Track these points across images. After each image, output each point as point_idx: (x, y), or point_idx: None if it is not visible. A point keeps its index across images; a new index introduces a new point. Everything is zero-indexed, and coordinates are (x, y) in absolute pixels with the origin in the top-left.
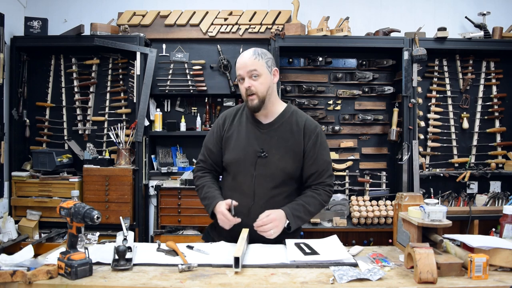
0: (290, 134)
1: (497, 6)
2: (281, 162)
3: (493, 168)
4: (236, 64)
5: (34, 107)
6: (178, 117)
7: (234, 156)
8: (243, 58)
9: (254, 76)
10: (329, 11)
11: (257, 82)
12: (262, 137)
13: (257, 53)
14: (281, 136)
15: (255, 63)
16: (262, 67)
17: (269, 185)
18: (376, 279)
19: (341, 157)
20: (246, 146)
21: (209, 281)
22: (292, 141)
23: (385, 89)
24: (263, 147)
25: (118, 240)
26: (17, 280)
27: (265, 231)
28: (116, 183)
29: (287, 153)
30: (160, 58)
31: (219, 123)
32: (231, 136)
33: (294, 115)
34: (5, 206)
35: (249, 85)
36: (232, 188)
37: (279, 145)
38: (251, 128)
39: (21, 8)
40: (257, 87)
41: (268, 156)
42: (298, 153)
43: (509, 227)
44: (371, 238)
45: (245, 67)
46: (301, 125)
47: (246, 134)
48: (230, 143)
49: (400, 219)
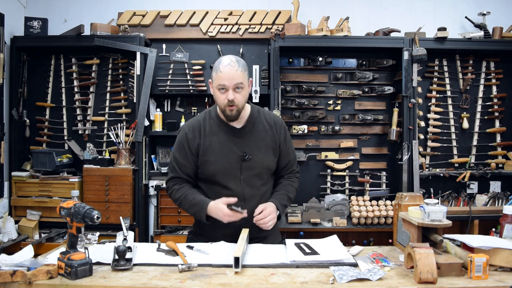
0: (265, 132)
1: (497, 6)
2: (265, 160)
3: (493, 168)
4: (219, 72)
5: (34, 107)
6: (178, 117)
7: (218, 166)
8: (230, 69)
9: (238, 89)
10: (329, 11)
11: (240, 94)
12: (240, 141)
13: (241, 64)
14: (258, 136)
15: (241, 76)
16: (245, 80)
17: (258, 184)
18: (376, 279)
19: (341, 157)
20: (228, 154)
21: (209, 281)
22: (269, 138)
23: (385, 89)
24: (245, 150)
25: (118, 240)
26: (17, 280)
27: (265, 223)
28: (116, 183)
29: (267, 150)
30: (160, 58)
31: (187, 137)
32: (209, 147)
33: (261, 113)
34: (5, 206)
35: (233, 97)
36: (223, 194)
37: (258, 145)
38: (227, 135)
39: (21, 8)
40: (239, 100)
41: (252, 158)
42: (275, 148)
43: (509, 227)
44: (371, 238)
45: (232, 79)
46: (271, 122)
47: (225, 142)
48: (210, 155)
49: (400, 219)
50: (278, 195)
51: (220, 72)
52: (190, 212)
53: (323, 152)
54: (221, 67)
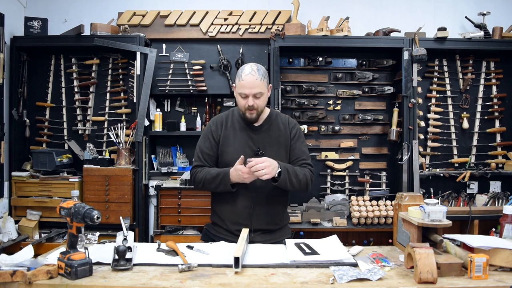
0: (279, 131)
1: (497, 6)
2: (276, 157)
3: (493, 168)
4: (241, 81)
5: (34, 107)
6: (178, 117)
7: (233, 157)
8: (251, 78)
9: (257, 95)
10: (329, 11)
11: (260, 100)
12: (256, 138)
13: (261, 73)
14: (273, 135)
15: (261, 85)
16: (265, 87)
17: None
18: (376, 279)
19: (341, 157)
20: (243, 147)
21: (209, 281)
22: (282, 137)
23: (385, 89)
24: (259, 146)
25: (118, 240)
26: (17, 280)
27: (257, 170)
28: (116, 183)
29: (280, 148)
30: (160, 58)
31: (211, 129)
32: (227, 140)
33: (278, 116)
34: (5, 206)
35: (253, 103)
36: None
37: (272, 143)
38: (245, 132)
39: (21, 8)
40: (259, 105)
41: (265, 153)
42: (287, 146)
43: (509, 227)
44: (371, 238)
45: (252, 88)
46: (286, 123)
47: (242, 137)
48: (228, 147)
49: (400, 219)
50: (286, 164)
51: (242, 81)
52: (214, 184)
53: (323, 152)
54: (243, 76)
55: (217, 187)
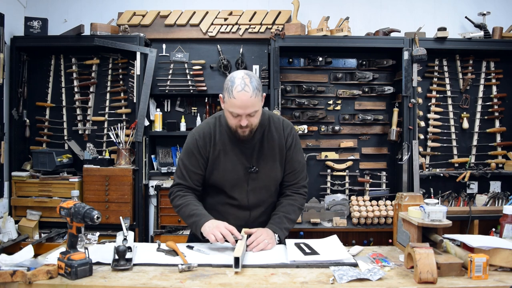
0: (273, 141)
1: (497, 6)
2: (272, 172)
3: (493, 168)
4: (232, 99)
5: (34, 107)
6: (178, 117)
7: (225, 177)
8: (243, 96)
9: (252, 115)
10: (329, 11)
11: (254, 118)
12: (249, 153)
13: (255, 87)
14: (267, 146)
15: (256, 102)
16: (259, 103)
17: (264, 195)
18: (376, 279)
19: (341, 157)
20: (235, 165)
21: (209, 281)
22: (277, 148)
23: (385, 89)
24: (252, 162)
25: (118, 240)
26: (17, 280)
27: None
28: (116, 183)
29: (275, 162)
30: (160, 58)
31: (198, 144)
32: (218, 157)
33: (271, 120)
34: (5, 206)
35: (246, 123)
36: (228, 202)
37: (266, 157)
38: (236, 146)
39: (21, 8)
40: (253, 122)
41: (259, 170)
42: (282, 157)
43: (509, 227)
44: (371, 238)
45: (246, 108)
46: (280, 129)
47: (233, 154)
48: (219, 164)
49: (400, 219)
50: (276, 219)
51: (234, 99)
52: (188, 221)
53: (323, 152)
54: (234, 93)
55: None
